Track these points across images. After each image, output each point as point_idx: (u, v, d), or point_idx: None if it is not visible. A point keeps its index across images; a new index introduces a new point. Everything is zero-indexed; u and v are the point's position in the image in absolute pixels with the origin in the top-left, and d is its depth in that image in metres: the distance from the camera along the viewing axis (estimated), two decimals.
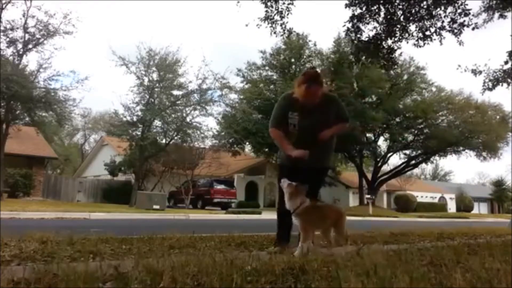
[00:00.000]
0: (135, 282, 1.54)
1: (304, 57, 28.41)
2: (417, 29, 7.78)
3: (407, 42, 8.02)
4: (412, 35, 7.84)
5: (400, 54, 8.47)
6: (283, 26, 8.04)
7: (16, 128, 18.83)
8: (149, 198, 16.63)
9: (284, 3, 7.88)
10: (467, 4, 7.54)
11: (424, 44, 7.84)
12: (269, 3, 7.84)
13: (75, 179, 27.53)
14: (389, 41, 7.99)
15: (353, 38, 8.12)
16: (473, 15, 7.81)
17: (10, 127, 18.03)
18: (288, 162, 3.32)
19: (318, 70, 3.29)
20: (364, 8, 7.70)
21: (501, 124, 29.60)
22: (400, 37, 7.92)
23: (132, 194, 19.63)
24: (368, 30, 7.94)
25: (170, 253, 2.70)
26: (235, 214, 15.89)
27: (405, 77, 27.65)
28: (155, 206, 15.85)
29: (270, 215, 3.11)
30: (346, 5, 7.79)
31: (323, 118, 3.23)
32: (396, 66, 9.33)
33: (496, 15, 9.16)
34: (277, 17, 7.95)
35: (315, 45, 27.97)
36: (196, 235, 3.83)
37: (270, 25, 8.04)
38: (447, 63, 61.39)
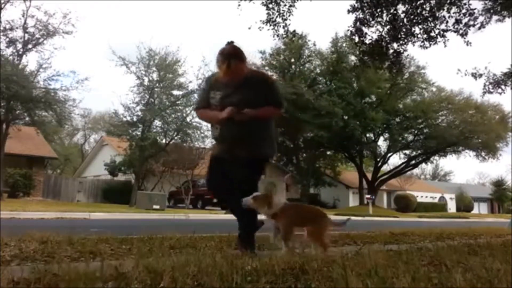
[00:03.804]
0: (135, 282, 1.54)
1: (304, 57, 28.43)
2: (422, 31, 7.77)
3: (413, 45, 8.00)
4: (417, 37, 7.82)
5: (406, 57, 8.45)
6: (286, 28, 8.01)
7: (16, 128, 18.84)
8: (149, 198, 16.63)
9: (285, 5, 7.84)
10: (471, 4, 7.53)
11: (430, 45, 7.82)
12: (270, 5, 7.81)
13: (75, 179, 27.52)
14: (395, 45, 7.97)
15: (357, 42, 8.10)
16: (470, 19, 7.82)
17: (10, 127, 18.04)
18: (219, 153, 3.07)
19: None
20: (367, 13, 7.68)
21: (501, 124, 29.63)
22: (406, 40, 7.90)
23: (132, 194, 19.64)
24: (371, 33, 7.94)
25: (170, 253, 2.70)
26: None
27: (405, 76, 27.71)
28: (155, 206, 15.85)
29: None
30: (349, 11, 7.76)
31: (249, 97, 2.90)
32: (404, 70, 9.32)
33: (494, 18, 9.16)
34: (279, 19, 7.92)
35: (314, 45, 28.05)
36: (196, 235, 3.83)
37: (272, 27, 8.01)
38: (447, 63, 61.43)
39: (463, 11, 7.52)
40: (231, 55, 2.86)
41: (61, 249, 2.69)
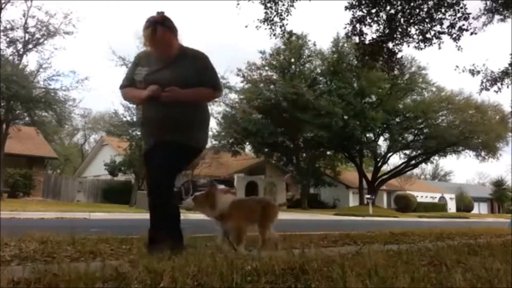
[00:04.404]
0: (135, 282, 1.54)
1: (304, 57, 28.42)
2: (417, 31, 7.79)
3: (408, 46, 8.03)
4: (413, 38, 7.84)
5: (401, 57, 8.46)
6: (283, 28, 8.04)
7: (16, 128, 18.85)
8: None
9: (283, 5, 7.87)
10: (467, 8, 7.54)
11: (425, 46, 7.85)
12: (268, 5, 7.83)
13: (75, 179, 27.52)
14: (390, 44, 7.99)
15: (355, 41, 8.12)
16: (473, 18, 7.82)
17: (10, 127, 18.05)
18: (147, 144, 2.73)
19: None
20: (365, 11, 7.69)
21: (501, 124, 29.63)
22: (401, 40, 7.93)
23: (132, 194, 19.65)
24: (371, 33, 7.95)
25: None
26: None
27: (406, 77, 27.73)
28: None
29: None
30: (346, 8, 7.77)
31: (179, 75, 2.55)
32: (397, 70, 9.33)
33: (496, 17, 9.17)
34: (276, 19, 7.96)
35: (314, 45, 28.03)
36: (197, 235, 3.83)
37: (269, 26, 8.04)
38: (447, 63, 61.42)
39: (459, 14, 7.53)
40: (157, 21, 2.54)
41: (61, 249, 2.69)
